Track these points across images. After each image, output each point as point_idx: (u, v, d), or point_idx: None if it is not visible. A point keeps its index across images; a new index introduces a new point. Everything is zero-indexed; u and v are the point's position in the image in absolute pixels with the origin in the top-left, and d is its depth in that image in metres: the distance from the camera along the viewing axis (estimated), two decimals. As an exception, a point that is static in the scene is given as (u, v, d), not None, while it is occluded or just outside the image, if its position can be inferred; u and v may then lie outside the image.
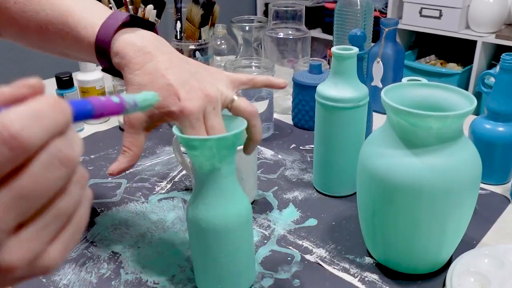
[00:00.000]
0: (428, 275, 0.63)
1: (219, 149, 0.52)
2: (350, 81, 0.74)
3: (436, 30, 2.54)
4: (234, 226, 0.55)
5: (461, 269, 0.60)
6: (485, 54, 2.53)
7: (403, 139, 0.57)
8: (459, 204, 0.57)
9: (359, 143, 0.74)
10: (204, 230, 0.55)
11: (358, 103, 0.74)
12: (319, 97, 0.76)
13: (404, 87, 0.61)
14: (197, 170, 0.55)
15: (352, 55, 0.72)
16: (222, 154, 0.53)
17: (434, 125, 0.54)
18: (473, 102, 0.56)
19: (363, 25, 1.00)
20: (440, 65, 2.74)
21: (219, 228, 0.55)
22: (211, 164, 0.53)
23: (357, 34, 0.82)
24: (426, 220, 0.57)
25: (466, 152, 0.57)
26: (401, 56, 1.05)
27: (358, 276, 0.64)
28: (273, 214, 0.77)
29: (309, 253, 0.68)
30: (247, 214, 0.57)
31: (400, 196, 0.57)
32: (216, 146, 0.52)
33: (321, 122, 0.77)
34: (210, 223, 0.55)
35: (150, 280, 0.63)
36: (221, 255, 0.56)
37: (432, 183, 0.55)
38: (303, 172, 0.89)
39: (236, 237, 0.56)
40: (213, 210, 0.55)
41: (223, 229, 0.55)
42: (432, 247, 0.60)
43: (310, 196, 0.81)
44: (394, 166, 0.57)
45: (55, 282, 0.63)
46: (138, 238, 0.71)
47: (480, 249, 0.65)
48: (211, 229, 0.55)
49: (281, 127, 1.06)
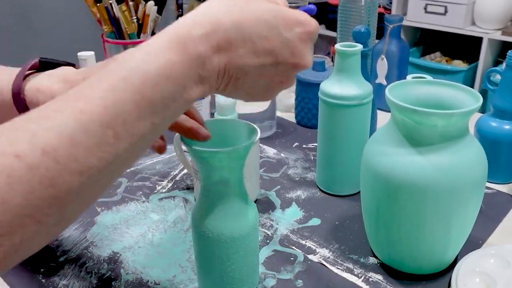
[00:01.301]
0: (433, 275, 0.63)
1: (229, 160, 0.51)
2: (354, 78, 0.74)
3: (441, 26, 2.53)
4: (242, 235, 0.54)
5: (466, 269, 0.60)
6: (491, 51, 2.51)
7: (407, 137, 0.57)
8: (464, 204, 0.57)
9: (363, 141, 0.73)
10: (211, 239, 0.54)
11: (362, 100, 0.74)
12: (322, 95, 0.76)
13: (408, 85, 0.61)
14: (204, 179, 0.53)
15: (356, 52, 0.72)
16: (232, 166, 0.52)
17: (439, 123, 0.54)
18: (479, 99, 0.55)
19: (367, 22, 0.99)
20: (445, 62, 2.73)
21: (227, 238, 0.53)
22: (220, 176, 0.52)
23: (361, 30, 0.81)
24: (431, 220, 0.57)
25: (472, 150, 0.57)
26: (405, 53, 1.05)
27: (362, 276, 0.63)
28: (276, 213, 0.76)
29: (312, 253, 0.68)
30: (254, 223, 0.56)
31: (405, 195, 0.56)
32: (226, 158, 0.50)
33: (325, 120, 0.77)
34: (217, 234, 0.53)
35: (150, 280, 0.63)
36: (227, 263, 0.55)
37: (437, 182, 0.55)
38: (306, 171, 0.88)
39: (243, 245, 0.55)
40: (221, 221, 0.53)
41: (231, 239, 0.54)
42: (437, 247, 0.60)
43: (314, 195, 0.81)
44: (399, 164, 0.56)
45: (54, 283, 0.63)
46: (138, 238, 0.71)
47: (486, 249, 0.64)
48: (218, 239, 0.53)
49: (284, 125, 1.06)
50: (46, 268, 0.65)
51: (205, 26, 0.40)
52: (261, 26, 0.41)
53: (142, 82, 0.37)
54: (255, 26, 0.41)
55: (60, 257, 0.67)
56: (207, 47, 0.39)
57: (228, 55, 0.41)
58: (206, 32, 0.39)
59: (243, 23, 0.41)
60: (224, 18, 0.40)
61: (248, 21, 0.41)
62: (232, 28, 0.40)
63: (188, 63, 0.39)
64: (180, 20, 0.41)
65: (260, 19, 0.41)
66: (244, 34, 0.41)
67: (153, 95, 0.37)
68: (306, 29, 0.44)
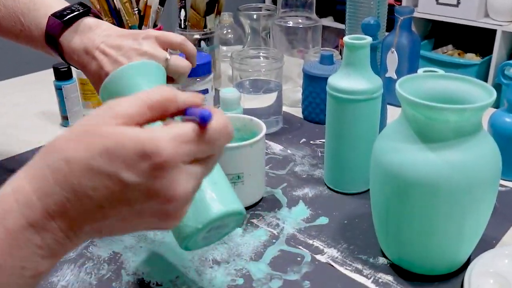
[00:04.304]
0: (445, 276, 0.62)
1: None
2: (363, 72, 0.73)
3: (454, 18, 2.53)
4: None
5: (480, 269, 0.59)
6: (505, 44, 2.50)
7: (419, 133, 0.56)
8: (477, 202, 0.56)
9: (373, 137, 0.72)
10: None
11: (371, 95, 0.73)
12: (330, 89, 0.75)
13: (420, 79, 0.61)
14: None
15: (365, 45, 0.72)
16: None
17: (452, 119, 0.54)
18: (493, 94, 0.55)
19: (377, 13, 0.99)
20: (457, 55, 2.73)
21: None
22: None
23: (370, 22, 0.81)
24: (443, 219, 0.57)
25: (485, 146, 0.57)
26: (416, 46, 1.04)
27: (371, 277, 0.63)
28: (282, 212, 0.76)
29: (320, 253, 0.67)
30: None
31: (416, 193, 0.56)
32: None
33: (333, 115, 0.77)
34: None
35: (152, 281, 0.62)
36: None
37: (449, 179, 0.54)
38: (313, 168, 0.87)
39: None
40: None
41: None
42: (449, 246, 0.59)
43: (321, 193, 0.80)
44: (409, 161, 0.56)
45: (53, 284, 0.62)
46: (140, 238, 0.70)
47: (500, 248, 0.64)
48: None
49: (291, 121, 1.05)
50: (45, 269, 0.64)
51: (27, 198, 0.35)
52: (92, 177, 0.35)
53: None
54: (86, 179, 0.35)
55: (59, 257, 0.66)
56: (38, 217, 0.35)
57: (66, 218, 0.36)
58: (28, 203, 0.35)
59: (70, 181, 0.35)
60: (49, 181, 0.35)
61: (75, 177, 0.35)
62: (58, 189, 0.35)
63: (15, 241, 0.35)
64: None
65: (90, 170, 0.35)
66: (75, 192, 0.35)
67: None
68: (155, 161, 0.35)
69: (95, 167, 0.35)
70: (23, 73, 1.33)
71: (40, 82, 1.25)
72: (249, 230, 0.71)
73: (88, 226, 0.37)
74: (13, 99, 1.17)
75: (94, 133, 0.36)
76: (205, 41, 1.05)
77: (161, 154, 0.35)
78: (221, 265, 0.64)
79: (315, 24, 1.13)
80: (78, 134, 0.36)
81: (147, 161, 0.35)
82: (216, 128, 0.39)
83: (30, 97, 1.17)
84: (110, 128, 0.36)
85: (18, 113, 1.10)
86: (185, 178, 0.37)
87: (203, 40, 1.04)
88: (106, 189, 0.35)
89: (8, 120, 1.06)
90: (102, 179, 0.35)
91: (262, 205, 0.77)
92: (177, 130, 0.37)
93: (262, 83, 0.96)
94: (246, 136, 0.76)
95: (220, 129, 0.39)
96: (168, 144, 0.36)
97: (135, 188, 0.36)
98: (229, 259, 0.65)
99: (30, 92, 1.21)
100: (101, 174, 0.35)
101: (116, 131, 0.35)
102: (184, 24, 1.02)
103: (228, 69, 1.18)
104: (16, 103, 1.15)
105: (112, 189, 0.35)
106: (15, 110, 1.11)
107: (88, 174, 0.35)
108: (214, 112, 0.39)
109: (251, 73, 0.95)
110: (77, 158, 0.35)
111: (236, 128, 0.77)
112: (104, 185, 0.35)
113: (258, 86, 0.96)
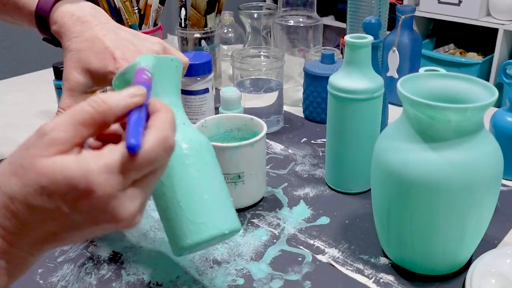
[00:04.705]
0: (446, 276, 0.62)
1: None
2: (364, 71, 0.73)
3: (455, 17, 2.52)
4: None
5: (481, 270, 0.59)
6: (507, 43, 2.50)
7: (420, 133, 0.56)
8: (479, 202, 0.56)
9: (374, 137, 0.72)
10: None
11: (372, 94, 0.73)
12: (331, 88, 0.75)
13: (421, 78, 0.61)
14: None
15: (366, 44, 0.71)
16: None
17: (453, 118, 0.54)
18: (494, 93, 0.55)
19: (378, 12, 1.00)
20: (459, 54, 2.72)
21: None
22: None
23: (371, 21, 0.81)
24: (444, 218, 0.57)
25: (487, 146, 0.57)
26: (418, 45, 1.04)
27: (372, 277, 0.63)
28: (283, 212, 0.75)
29: (321, 253, 0.67)
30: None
31: (417, 193, 0.56)
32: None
33: (334, 114, 0.76)
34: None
35: (152, 281, 0.62)
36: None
37: (451, 179, 0.54)
38: (314, 167, 0.87)
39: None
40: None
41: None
42: (451, 246, 0.59)
43: (322, 193, 0.80)
44: (411, 161, 0.56)
45: (53, 284, 0.62)
46: (140, 237, 0.70)
47: (502, 248, 0.64)
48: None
49: (292, 120, 1.05)
50: (43, 269, 0.64)
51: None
52: (36, 213, 0.36)
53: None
54: (32, 215, 0.36)
55: (58, 257, 0.66)
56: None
57: (22, 243, 0.38)
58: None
59: (18, 216, 0.36)
60: (2, 213, 0.37)
61: (22, 213, 0.36)
62: (12, 222, 0.37)
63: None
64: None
65: (32, 207, 0.36)
66: (26, 226, 0.37)
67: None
68: (90, 197, 0.36)
69: (36, 205, 0.36)
70: (23, 72, 1.34)
71: (40, 81, 1.25)
72: (250, 230, 0.71)
73: (47, 245, 0.39)
74: (13, 98, 1.16)
75: (29, 169, 0.36)
76: (206, 40, 1.04)
77: (94, 190, 0.35)
78: (221, 265, 0.64)
79: (316, 23, 1.13)
80: (16, 170, 0.36)
81: (83, 198, 0.36)
82: (150, 150, 0.37)
83: (30, 97, 1.17)
84: (44, 162, 0.35)
85: (18, 112, 1.09)
86: (126, 202, 0.38)
87: (204, 39, 1.04)
88: (53, 220, 0.37)
89: (7, 120, 1.06)
90: (47, 214, 0.36)
91: (263, 205, 0.77)
92: (107, 161, 0.36)
93: (263, 82, 0.96)
94: (247, 135, 0.76)
95: (156, 147, 0.37)
96: (99, 178, 0.35)
97: (80, 217, 0.37)
98: (230, 259, 0.65)
99: (30, 91, 1.21)
100: (44, 210, 0.36)
101: (49, 166, 0.35)
102: (185, 23, 1.02)
103: (228, 68, 1.18)
104: (16, 102, 1.14)
105: (59, 220, 0.37)
106: (14, 109, 1.11)
107: (32, 210, 0.36)
108: (151, 123, 0.39)
109: (252, 72, 0.95)
110: (18, 196, 0.36)
111: (237, 127, 0.78)
112: (50, 218, 0.37)
113: (259, 85, 0.96)
